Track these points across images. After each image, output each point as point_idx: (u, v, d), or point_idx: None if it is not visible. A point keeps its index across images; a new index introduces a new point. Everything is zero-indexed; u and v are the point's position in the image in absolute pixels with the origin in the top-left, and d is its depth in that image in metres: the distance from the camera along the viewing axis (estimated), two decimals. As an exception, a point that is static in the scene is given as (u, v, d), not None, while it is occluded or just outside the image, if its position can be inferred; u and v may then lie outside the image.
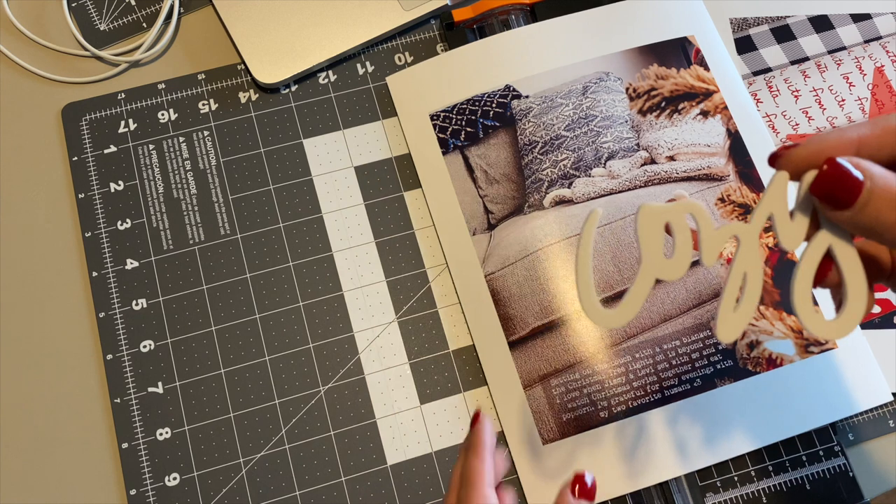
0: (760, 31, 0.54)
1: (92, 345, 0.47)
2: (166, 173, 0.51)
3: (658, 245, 0.31)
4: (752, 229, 0.31)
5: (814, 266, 0.30)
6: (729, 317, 0.31)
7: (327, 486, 0.45)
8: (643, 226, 0.31)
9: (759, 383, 0.45)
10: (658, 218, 0.31)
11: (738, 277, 0.31)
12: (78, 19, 0.54)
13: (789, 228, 0.30)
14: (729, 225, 0.31)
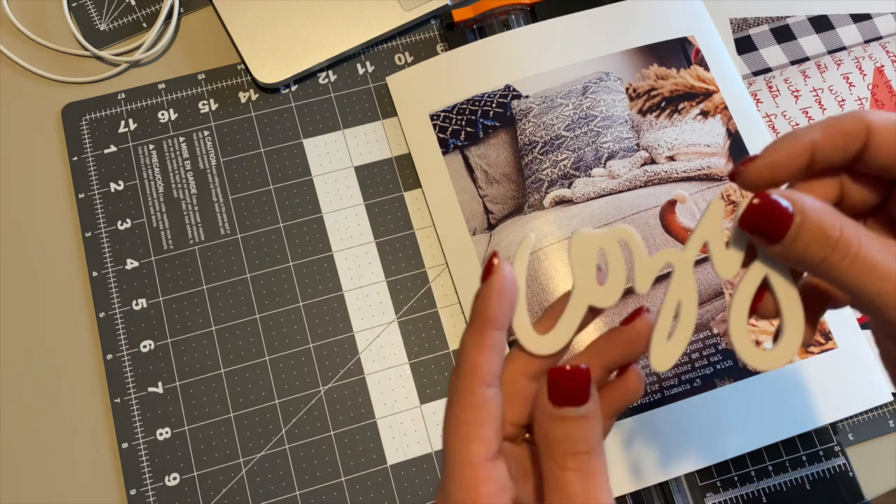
0: (760, 31, 0.54)
1: (92, 345, 0.47)
2: (166, 173, 0.51)
3: (591, 271, 0.30)
4: (687, 257, 0.30)
5: (749, 295, 0.29)
6: (663, 346, 0.30)
7: (327, 486, 0.45)
8: (576, 252, 0.30)
9: (759, 383, 0.45)
10: (591, 244, 0.30)
11: (673, 306, 0.30)
12: (78, 19, 0.54)
13: (724, 257, 0.30)
14: (663, 252, 0.30)
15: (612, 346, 0.31)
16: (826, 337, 0.46)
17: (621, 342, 0.31)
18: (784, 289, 0.29)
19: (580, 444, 0.27)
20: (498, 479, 0.27)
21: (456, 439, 0.27)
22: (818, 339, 0.46)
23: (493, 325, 0.28)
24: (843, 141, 0.28)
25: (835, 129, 0.28)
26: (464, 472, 0.27)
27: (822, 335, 0.46)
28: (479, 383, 0.28)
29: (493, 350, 0.28)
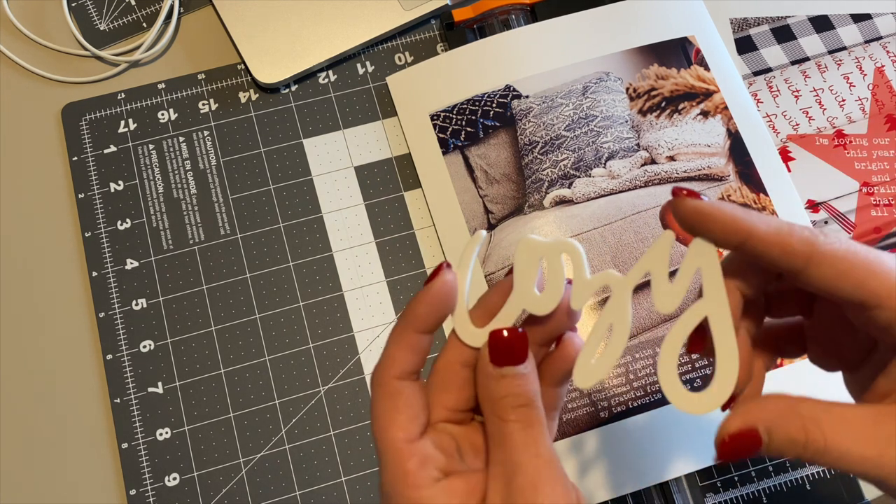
0: (761, 31, 0.54)
1: (92, 345, 0.47)
2: (166, 173, 0.51)
3: (531, 278, 0.31)
4: (626, 282, 0.30)
5: (684, 336, 0.29)
6: (587, 364, 0.30)
7: (327, 486, 0.45)
8: (520, 257, 0.31)
9: (760, 383, 0.45)
10: (535, 252, 0.31)
11: (604, 328, 0.30)
12: (78, 19, 0.54)
13: (666, 290, 0.29)
14: (603, 273, 0.30)
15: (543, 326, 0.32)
16: (826, 337, 0.46)
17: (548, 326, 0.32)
18: (722, 334, 0.29)
19: (520, 398, 0.30)
20: (421, 455, 0.29)
21: (377, 427, 0.30)
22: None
23: (417, 328, 0.30)
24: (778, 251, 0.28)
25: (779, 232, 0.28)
26: (388, 454, 0.29)
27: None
28: (392, 376, 0.30)
29: (410, 349, 0.30)
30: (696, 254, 0.29)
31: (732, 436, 0.29)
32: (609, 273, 0.30)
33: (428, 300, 0.30)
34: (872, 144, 0.51)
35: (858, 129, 0.52)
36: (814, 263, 0.28)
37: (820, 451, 0.28)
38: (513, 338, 0.30)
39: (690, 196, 0.29)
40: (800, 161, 0.51)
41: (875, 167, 0.51)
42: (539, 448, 0.29)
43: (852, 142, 0.51)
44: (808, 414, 0.29)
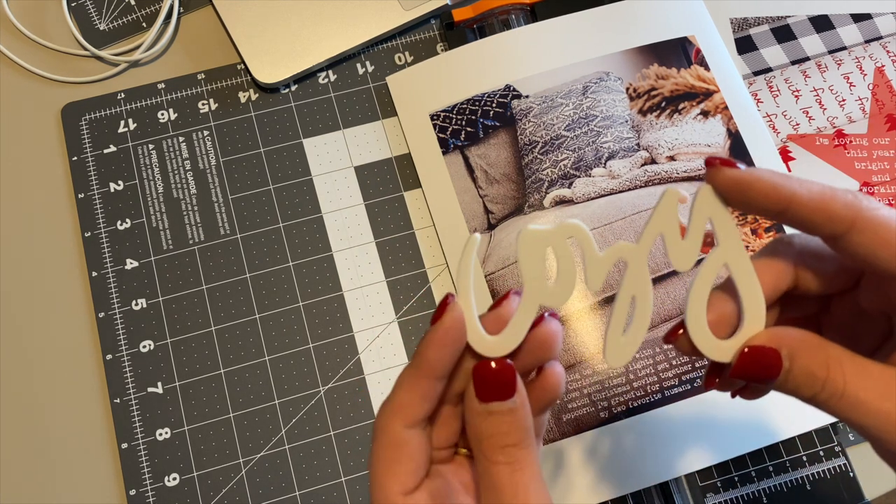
0: (761, 30, 0.54)
1: (91, 345, 0.47)
2: (166, 173, 0.51)
3: (540, 270, 0.29)
4: (640, 250, 0.29)
5: (709, 286, 0.29)
6: (618, 341, 0.29)
7: (327, 486, 0.45)
8: (524, 251, 0.29)
9: (760, 383, 0.45)
10: (539, 242, 0.29)
11: (627, 301, 0.29)
12: (78, 19, 0.54)
13: (681, 248, 0.29)
14: (615, 246, 0.29)
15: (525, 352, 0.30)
16: (826, 337, 0.46)
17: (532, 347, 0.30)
18: (744, 277, 0.28)
19: (508, 437, 0.28)
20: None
21: (375, 473, 0.28)
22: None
23: (431, 374, 0.28)
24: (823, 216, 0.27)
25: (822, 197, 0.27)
26: None
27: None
28: (401, 424, 0.28)
29: (421, 396, 0.28)
30: (704, 203, 0.28)
31: (754, 348, 0.28)
32: (621, 245, 0.29)
33: (438, 342, 0.28)
34: (872, 144, 0.51)
35: (858, 129, 0.52)
36: (856, 229, 0.26)
37: (836, 395, 0.27)
38: (499, 369, 0.28)
39: (725, 165, 0.28)
40: (800, 161, 0.51)
41: (875, 167, 0.51)
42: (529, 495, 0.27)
43: (852, 142, 0.51)
44: (834, 354, 0.28)
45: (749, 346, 0.28)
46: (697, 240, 0.29)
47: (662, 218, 0.29)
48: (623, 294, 0.29)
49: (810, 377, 0.28)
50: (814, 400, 0.28)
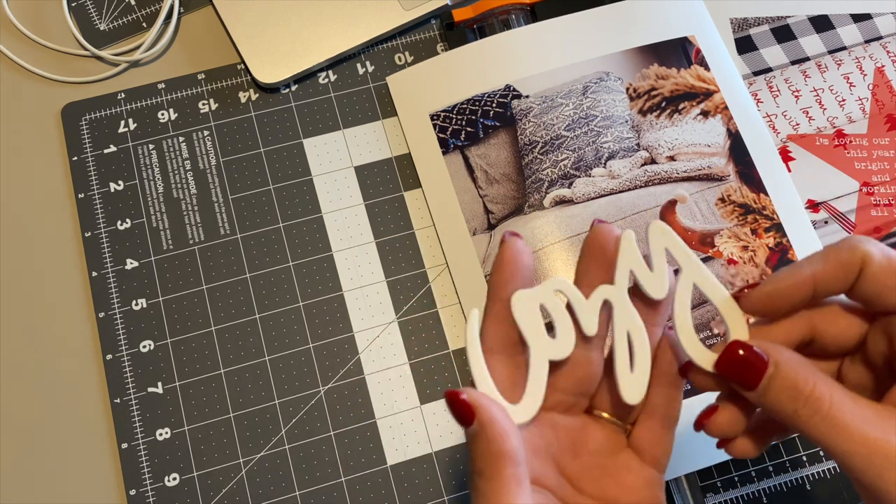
0: (761, 31, 0.54)
1: (91, 345, 0.47)
2: (166, 173, 0.51)
3: (539, 327, 0.31)
4: (619, 290, 0.31)
5: (687, 303, 0.31)
6: (629, 378, 0.31)
7: (327, 487, 0.45)
8: (519, 314, 0.31)
9: (760, 383, 0.45)
10: (531, 302, 0.31)
11: (623, 338, 0.31)
12: (78, 19, 0.54)
13: (651, 279, 0.31)
14: (598, 290, 0.31)
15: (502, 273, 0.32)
16: (826, 337, 0.46)
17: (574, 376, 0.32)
18: (715, 292, 0.31)
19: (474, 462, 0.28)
20: None
21: None
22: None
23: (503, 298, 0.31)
24: (842, 272, 0.29)
25: (834, 260, 0.29)
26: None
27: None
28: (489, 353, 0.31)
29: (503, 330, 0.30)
30: (657, 236, 0.31)
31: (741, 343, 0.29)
32: (601, 288, 0.31)
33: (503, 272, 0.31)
34: (872, 144, 0.51)
35: (858, 129, 0.52)
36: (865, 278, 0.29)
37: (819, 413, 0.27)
38: (451, 399, 0.28)
39: (750, 289, 0.30)
40: (800, 161, 0.51)
41: (875, 167, 0.51)
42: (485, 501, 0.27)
43: (852, 142, 0.51)
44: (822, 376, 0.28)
45: (736, 341, 0.29)
46: (662, 268, 0.31)
47: (628, 258, 0.31)
48: (618, 333, 0.31)
49: (794, 389, 0.28)
50: (795, 416, 0.28)
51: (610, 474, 0.32)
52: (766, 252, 0.48)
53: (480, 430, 0.28)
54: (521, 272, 0.31)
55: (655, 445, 0.33)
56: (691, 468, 0.44)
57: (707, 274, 0.31)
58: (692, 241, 0.48)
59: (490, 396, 0.29)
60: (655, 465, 0.33)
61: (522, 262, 0.31)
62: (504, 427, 0.28)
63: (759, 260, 0.48)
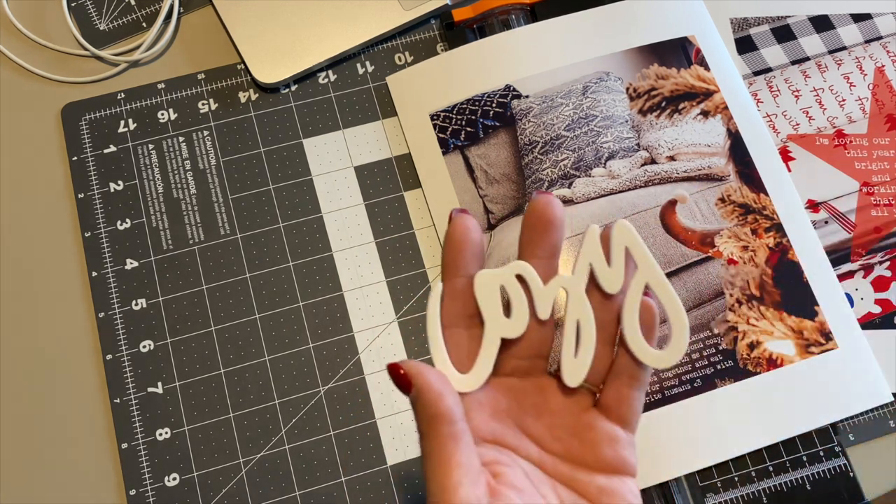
0: (761, 30, 0.54)
1: (91, 345, 0.47)
2: (166, 173, 0.51)
3: (497, 307, 0.33)
4: (577, 280, 0.34)
5: (637, 302, 0.33)
6: (572, 363, 0.34)
7: (327, 487, 0.45)
8: (480, 291, 0.33)
9: (760, 384, 0.45)
10: (492, 282, 0.33)
11: (573, 326, 0.34)
12: (77, 19, 0.54)
13: (608, 274, 0.33)
14: (555, 279, 0.33)
15: None
16: (826, 337, 0.46)
17: None
18: (665, 294, 0.33)
19: (418, 426, 0.31)
20: None
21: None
22: (818, 339, 0.46)
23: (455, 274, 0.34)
24: None
25: None
26: None
27: (822, 335, 0.46)
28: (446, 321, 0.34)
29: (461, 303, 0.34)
30: (619, 234, 0.33)
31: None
32: (559, 277, 0.34)
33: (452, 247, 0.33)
34: (872, 144, 0.51)
35: (858, 129, 0.52)
36: None
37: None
38: (396, 373, 0.31)
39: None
40: (800, 161, 0.51)
41: (875, 167, 0.51)
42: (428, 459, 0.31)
43: (852, 141, 0.51)
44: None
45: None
46: (620, 265, 0.33)
47: (589, 251, 0.34)
48: (569, 320, 0.34)
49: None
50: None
51: (574, 433, 0.34)
52: (766, 252, 0.48)
53: (417, 395, 0.31)
54: (470, 248, 0.33)
55: (621, 404, 0.34)
56: (691, 468, 0.44)
57: (661, 277, 0.33)
58: (692, 242, 0.48)
59: (426, 366, 0.32)
60: (622, 424, 0.34)
61: (471, 238, 0.33)
62: (438, 390, 0.31)
63: (759, 260, 0.48)
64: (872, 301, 0.48)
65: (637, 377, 0.34)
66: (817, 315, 0.47)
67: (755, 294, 0.47)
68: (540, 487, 0.33)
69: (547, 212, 0.33)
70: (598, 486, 0.33)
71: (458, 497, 0.29)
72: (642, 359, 0.33)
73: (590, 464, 0.34)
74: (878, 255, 0.49)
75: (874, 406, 0.46)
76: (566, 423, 0.34)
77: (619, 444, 0.34)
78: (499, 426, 0.34)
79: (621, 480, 0.34)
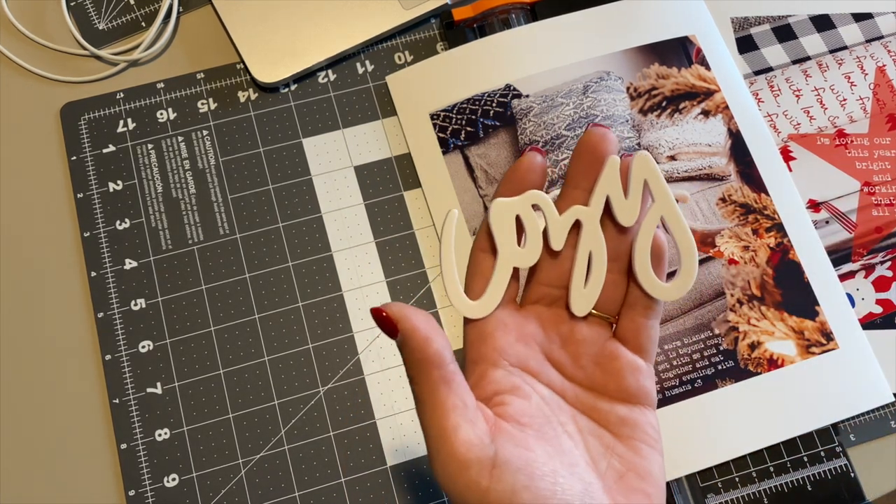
0: (762, 30, 0.54)
1: (90, 345, 0.47)
2: (165, 173, 0.50)
3: (511, 236, 0.33)
4: (592, 211, 0.34)
5: (650, 236, 0.34)
6: (581, 293, 0.34)
7: (327, 487, 0.45)
8: (495, 220, 0.33)
9: (760, 384, 0.45)
10: (508, 210, 0.33)
11: (585, 256, 0.34)
12: (77, 18, 0.54)
13: (625, 206, 0.34)
14: (571, 209, 0.34)
15: None
16: (827, 337, 0.46)
17: None
18: (678, 229, 0.34)
19: (407, 371, 0.31)
20: None
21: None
22: (819, 339, 0.46)
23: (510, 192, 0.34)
24: None
25: None
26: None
27: (823, 335, 0.46)
28: None
29: None
30: (639, 166, 0.33)
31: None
32: (576, 207, 0.34)
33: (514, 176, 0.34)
34: (874, 144, 0.51)
35: (860, 129, 0.51)
36: None
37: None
38: (381, 317, 0.31)
39: None
40: (801, 161, 0.51)
41: (876, 167, 0.50)
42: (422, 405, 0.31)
43: (853, 141, 0.51)
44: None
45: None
46: (637, 198, 0.33)
47: (608, 182, 0.33)
48: (581, 250, 0.34)
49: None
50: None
51: (597, 362, 0.34)
52: (766, 252, 0.48)
53: (405, 339, 0.31)
54: (528, 186, 0.33)
55: (639, 334, 0.34)
56: (692, 469, 0.44)
57: (676, 210, 0.33)
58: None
59: (412, 309, 0.32)
60: (641, 353, 0.35)
61: (532, 179, 0.34)
62: (425, 334, 0.31)
63: (759, 260, 0.48)
64: (873, 301, 0.48)
65: (651, 307, 0.34)
66: (818, 315, 0.47)
67: (756, 294, 0.47)
68: (559, 415, 0.33)
69: (600, 145, 0.33)
70: (619, 415, 0.33)
71: (458, 439, 0.30)
72: (651, 291, 0.34)
73: (611, 393, 0.34)
74: (879, 255, 0.49)
75: (875, 406, 0.45)
76: (590, 352, 0.34)
77: (640, 374, 0.34)
78: (523, 350, 0.34)
79: (641, 411, 0.34)
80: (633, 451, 0.33)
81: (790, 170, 0.50)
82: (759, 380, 0.45)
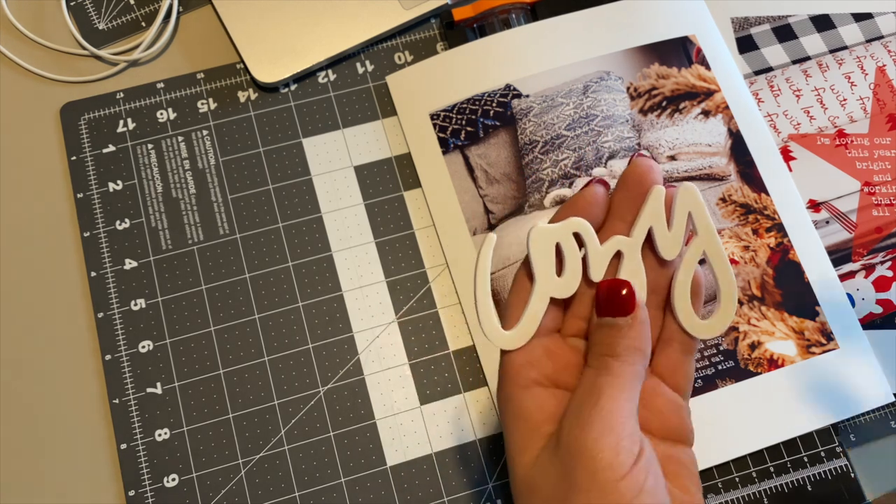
0: (762, 30, 0.54)
1: (90, 345, 0.47)
2: (165, 173, 0.50)
3: (550, 264, 0.32)
4: (634, 243, 0.33)
5: (691, 271, 0.33)
6: None
7: (327, 487, 0.44)
8: (534, 246, 0.32)
9: (761, 384, 0.45)
10: (548, 238, 0.32)
11: None
12: (77, 18, 0.54)
13: (668, 239, 0.33)
14: (612, 240, 0.33)
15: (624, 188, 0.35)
16: (827, 337, 0.46)
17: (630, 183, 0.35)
18: (720, 265, 0.33)
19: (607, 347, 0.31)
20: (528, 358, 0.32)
21: None
22: (819, 339, 0.46)
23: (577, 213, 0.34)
24: None
25: None
26: None
27: (823, 335, 0.46)
28: None
29: None
30: (684, 199, 0.33)
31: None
32: (617, 238, 0.33)
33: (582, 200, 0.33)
34: (874, 144, 0.51)
35: (860, 129, 0.51)
36: None
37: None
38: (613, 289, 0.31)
39: None
40: (801, 161, 0.51)
41: (876, 167, 0.50)
42: (602, 399, 0.30)
43: (854, 141, 0.51)
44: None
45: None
46: (681, 231, 0.33)
47: (651, 213, 0.33)
48: None
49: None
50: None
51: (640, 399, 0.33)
52: (767, 252, 0.48)
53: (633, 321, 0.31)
54: (589, 212, 0.33)
55: (676, 371, 0.34)
56: (692, 469, 0.44)
57: (719, 246, 0.33)
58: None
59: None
60: (678, 390, 0.34)
61: (594, 214, 0.33)
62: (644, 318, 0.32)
63: (760, 260, 0.48)
64: (874, 301, 0.48)
65: (689, 343, 0.34)
66: (818, 315, 0.47)
67: (756, 294, 0.47)
68: None
69: (647, 176, 0.33)
70: (664, 453, 0.33)
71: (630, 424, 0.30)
72: (689, 329, 0.33)
73: (654, 431, 0.33)
74: (880, 255, 0.49)
75: (875, 406, 0.45)
76: None
77: (683, 412, 0.34)
78: (571, 382, 0.33)
79: (683, 450, 0.34)
80: (683, 491, 0.32)
81: (790, 170, 0.50)
82: (760, 380, 0.45)
